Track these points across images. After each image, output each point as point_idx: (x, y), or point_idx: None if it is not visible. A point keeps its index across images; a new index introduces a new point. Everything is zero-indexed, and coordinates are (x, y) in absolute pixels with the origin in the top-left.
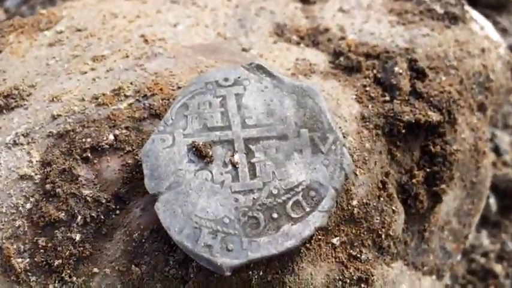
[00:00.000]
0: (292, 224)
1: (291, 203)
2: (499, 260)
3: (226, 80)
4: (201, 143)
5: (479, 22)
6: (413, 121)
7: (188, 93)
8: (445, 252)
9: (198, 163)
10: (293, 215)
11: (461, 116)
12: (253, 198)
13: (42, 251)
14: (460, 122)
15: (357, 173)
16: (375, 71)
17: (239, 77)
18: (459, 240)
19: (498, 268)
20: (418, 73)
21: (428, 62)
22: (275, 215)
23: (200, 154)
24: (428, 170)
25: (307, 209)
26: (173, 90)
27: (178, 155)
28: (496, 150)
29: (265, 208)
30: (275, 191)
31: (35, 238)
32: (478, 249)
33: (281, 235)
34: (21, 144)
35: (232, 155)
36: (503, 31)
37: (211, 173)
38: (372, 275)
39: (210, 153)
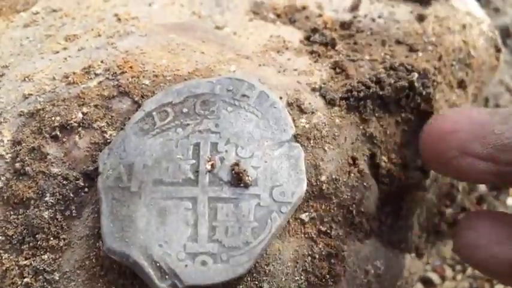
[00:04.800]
0: None
1: None
2: None
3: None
4: None
5: None
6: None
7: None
8: (424, 229)
9: None
10: None
11: (440, 92)
12: None
13: (13, 229)
14: (438, 99)
15: (326, 148)
16: (348, 48)
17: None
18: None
19: None
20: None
21: (405, 38)
22: None
23: None
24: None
25: None
26: (143, 67)
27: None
28: None
29: None
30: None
31: (6, 216)
32: None
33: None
34: None
35: None
36: (495, 10)
37: None
38: (343, 251)
39: None
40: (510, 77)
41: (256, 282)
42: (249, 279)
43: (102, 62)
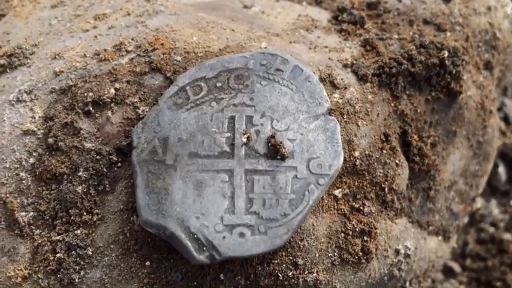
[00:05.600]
0: None
1: None
2: (508, 229)
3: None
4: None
5: None
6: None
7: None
8: (451, 213)
9: None
10: None
11: (467, 73)
12: None
13: (45, 204)
14: (465, 79)
15: (359, 123)
16: (376, 27)
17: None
18: (466, 201)
19: (507, 237)
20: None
21: (433, 18)
22: None
23: None
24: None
25: None
26: (174, 44)
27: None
28: (506, 119)
29: None
30: None
31: (39, 192)
32: (487, 219)
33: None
34: (24, 101)
35: None
36: None
37: None
38: (375, 228)
39: None
40: None
41: (291, 257)
42: (283, 254)
43: (132, 39)
